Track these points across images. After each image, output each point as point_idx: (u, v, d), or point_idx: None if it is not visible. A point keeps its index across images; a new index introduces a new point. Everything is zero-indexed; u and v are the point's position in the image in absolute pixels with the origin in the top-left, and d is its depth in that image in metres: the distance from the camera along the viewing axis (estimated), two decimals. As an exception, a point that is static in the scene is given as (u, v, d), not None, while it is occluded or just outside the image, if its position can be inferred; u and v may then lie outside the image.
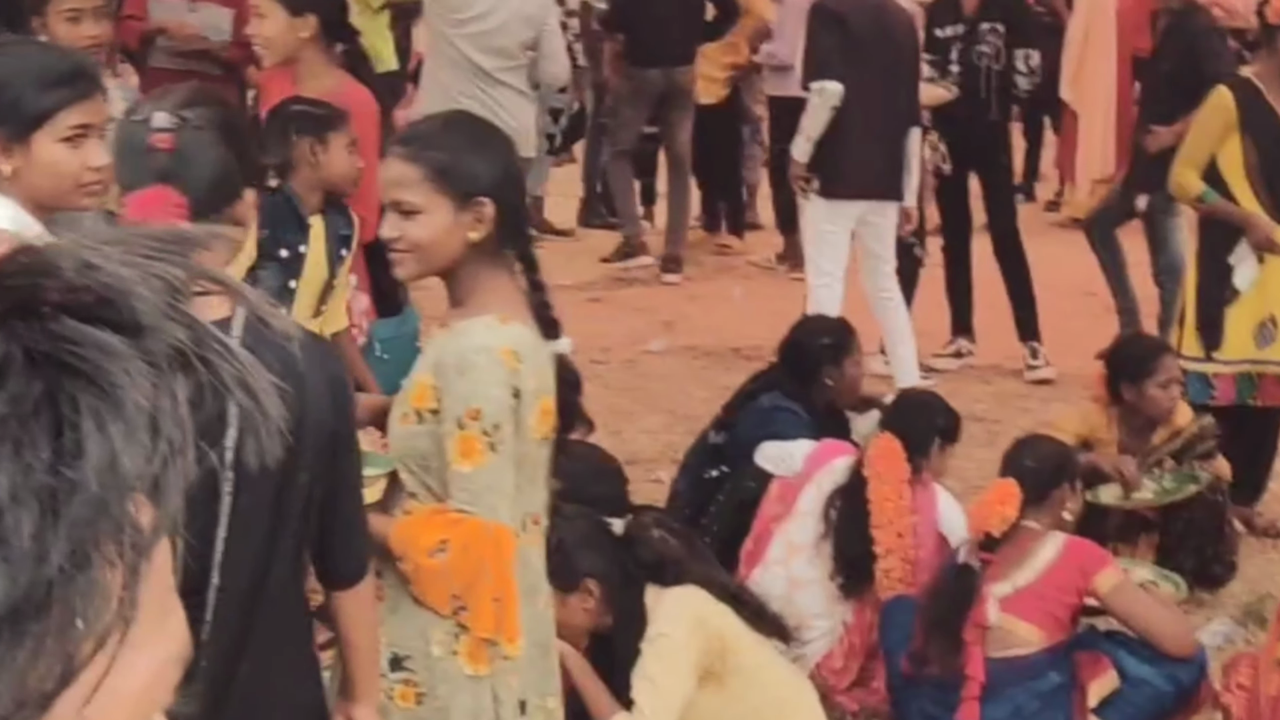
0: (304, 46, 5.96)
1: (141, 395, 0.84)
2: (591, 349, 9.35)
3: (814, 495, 5.78)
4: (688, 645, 4.69)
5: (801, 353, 6.50)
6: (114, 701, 0.87)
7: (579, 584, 4.64)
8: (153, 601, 0.88)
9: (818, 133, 7.94)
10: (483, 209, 3.61)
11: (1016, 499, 5.24)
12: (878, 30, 8.03)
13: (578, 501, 4.67)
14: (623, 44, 10.76)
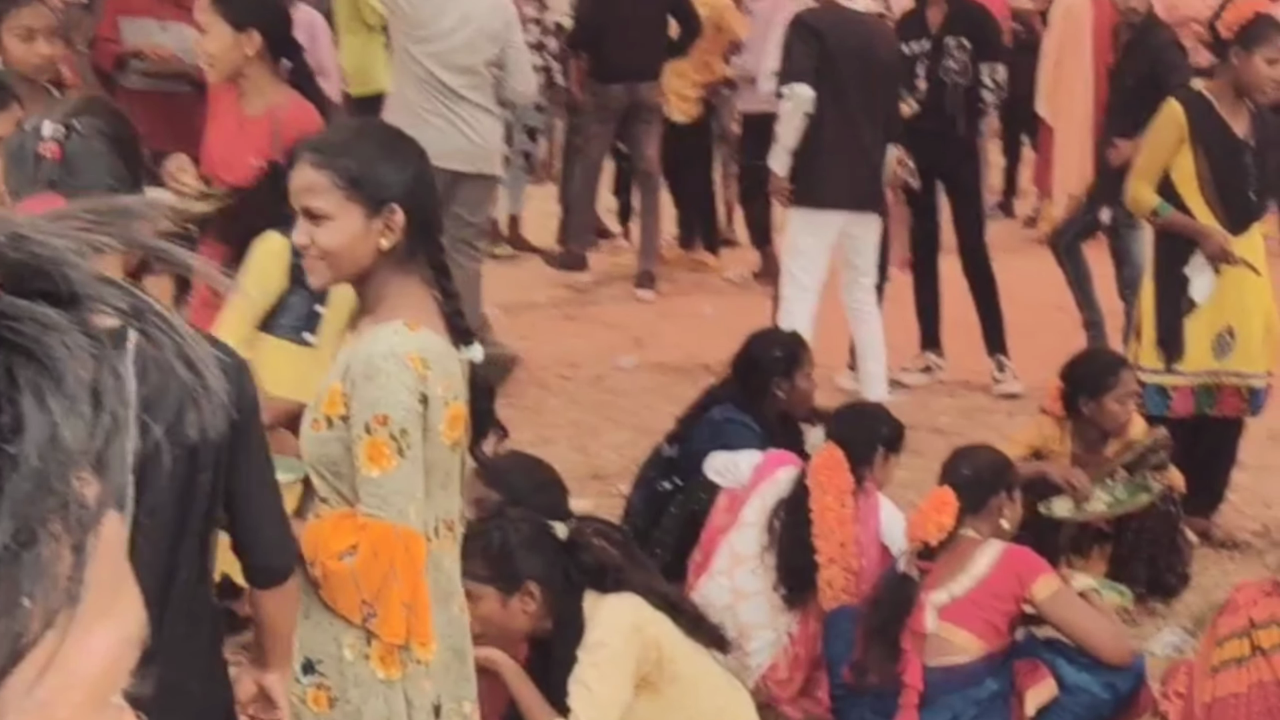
0: (249, 63, 5.97)
1: (82, 368, 0.82)
2: (560, 365, 9.40)
3: (759, 506, 5.80)
4: (624, 653, 4.69)
5: (753, 366, 6.52)
6: (69, 681, 0.85)
7: (520, 586, 4.64)
8: (104, 579, 0.86)
9: (794, 141, 7.98)
10: (393, 217, 3.63)
11: (953, 508, 5.26)
12: (858, 44, 8.08)
13: None
14: (588, 61, 10.79)
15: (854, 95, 7.98)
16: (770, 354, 6.52)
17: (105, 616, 0.87)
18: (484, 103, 8.63)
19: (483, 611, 4.55)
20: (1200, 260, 6.78)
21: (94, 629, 0.86)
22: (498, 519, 4.90)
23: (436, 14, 8.46)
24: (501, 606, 4.64)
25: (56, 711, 0.84)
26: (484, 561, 4.56)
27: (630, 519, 6.50)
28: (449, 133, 8.54)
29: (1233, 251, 6.70)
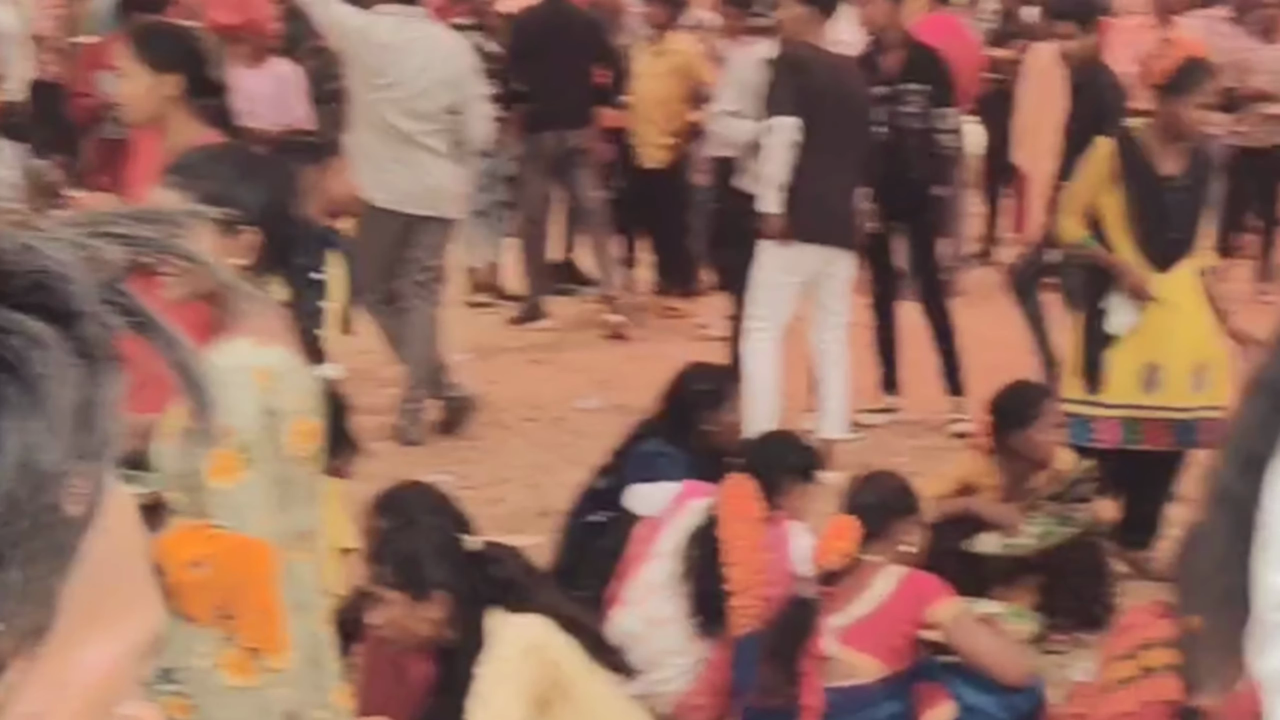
0: (168, 104, 6.04)
1: (68, 386, 0.80)
2: (524, 407, 9.48)
3: (673, 535, 5.84)
4: (520, 672, 4.72)
5: (681, 399, 6.58)
6: (62, 695, 0.84)
7: (427, 593, 4.66)
8: (101, 592, 0.85)
9: (783, 175, 8.08)
10: (247, 237, 3.72)
11: (854, 534, 5.31)
12: (834, 83, 8.22)
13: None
14: (521, 112, 10.94)
15: (830, 133, 8.09)
16: (698, 388, 6.58)
17: (103, 627, 0.86)
18: (441, 148, 8.75)
19: (390, 615, 4.60)
20: (1119, 296, 6.87)
21: (90, 641, 0.85)
22: (409, 526, 4.98)
23: (394, 62, 8.59)
24: (408, 611, 4.67)
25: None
26: (394, 567, 4.61)
27: (562, 551, 6.58)
28: (406, 178, 8.67)
29: (1145, 289, 6.77)
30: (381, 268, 8.77)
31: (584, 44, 11.22)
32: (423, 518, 5.00)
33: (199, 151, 4.17)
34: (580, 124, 11.07)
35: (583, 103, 11.13)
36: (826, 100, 8.13)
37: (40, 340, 0.80)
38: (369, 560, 4.72)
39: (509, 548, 5.28)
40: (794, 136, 8.06)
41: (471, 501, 7.72)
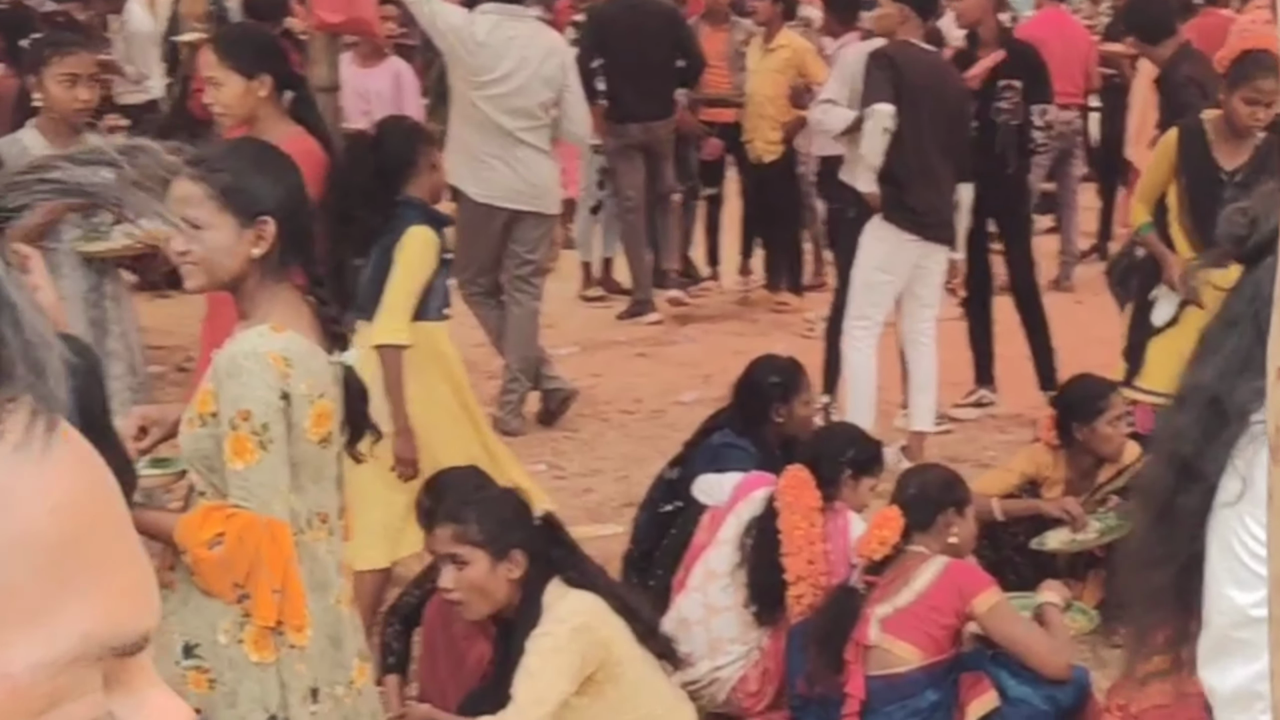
0: (261, 104, 6.21)
1: None
2: (624, 400, 9.60)
3: (734, 524, 5.93)
4: (570, 649, 4.82)
5: (752, 391, 6.66)
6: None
7: (508, 552, 4.80)
8: (20, 597, 0.82)
9: (878, 160, 8.18)
10: (265, 227, 3.86)
11: (897, 524, 5.37)
12: (932, 80, 8.30)
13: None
14: (605, 108, 11.02)
15: (927, 129, 8.18)
16: (768, 380, 6.65)
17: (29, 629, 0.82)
18: (540, 144, 8.90)
19: (471, 575, 4.77)
20: (1165, 287, 6.94)
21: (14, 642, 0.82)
22: (489, 488, 5.13)
23: (494, 60, 8.74)
24: (490, 571, 4.81)
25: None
26: (479, 525, 4.79)
27: (635, 541, 6.69)
28: (507, 174, 8.82)
29: (1184, 281, 6.76)
30: (483, 262, 8.95)
31: (663, 34, 11.30)
32: (495, 486, 5.20)
33: (220, 144, 4.31)
34: (663, 115, 11.19)
35: (665, 93, 11.24)
36: (923, 97, 8.20)
37: None
38: (449, 522, 4.86)
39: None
40: (889, 123, 8.12)
41: (562, 491, 7.93)
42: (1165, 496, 2.71)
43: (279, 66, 6.34)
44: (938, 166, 8.28)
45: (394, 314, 6.11)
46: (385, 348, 6.04)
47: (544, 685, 4.79)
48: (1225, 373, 2.74)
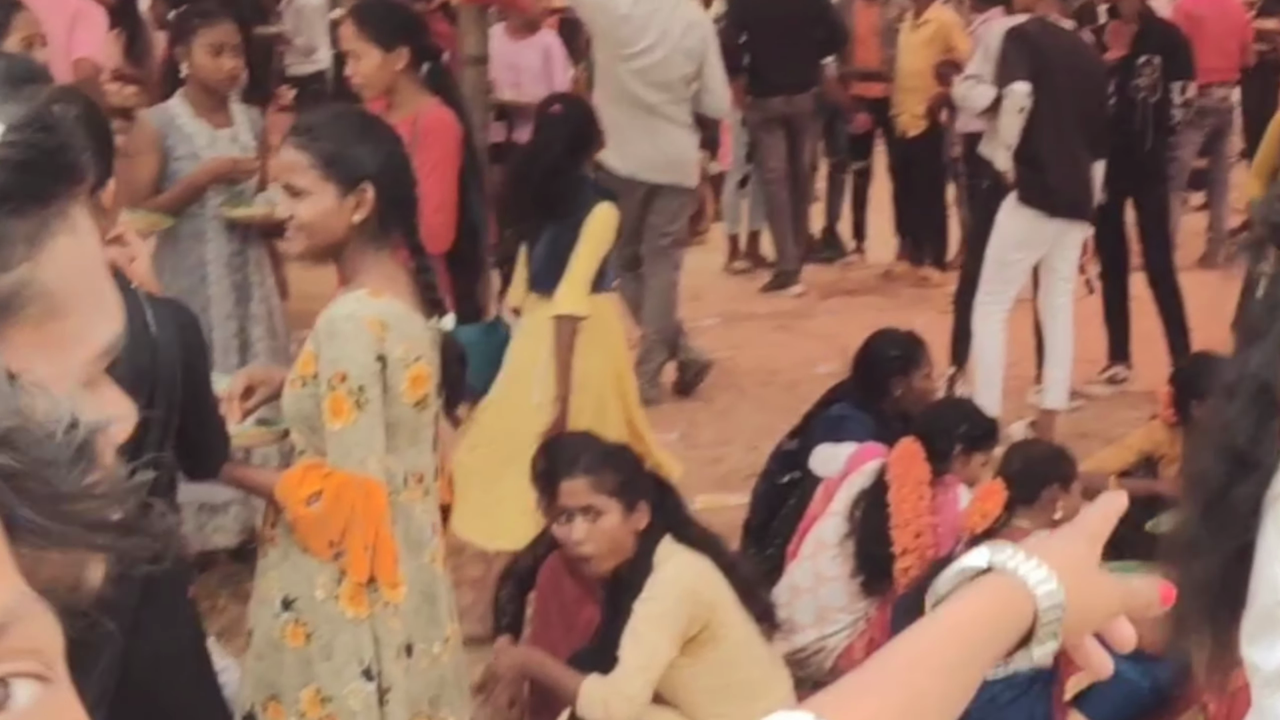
0: (398, 77, 6.36)
1: None
2: (761, 372, 9.69)
3: (845, 495, 6.01)
4: (675, 613, 4.92)
5: (871, 364, 6.73)
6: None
7: (636, 505, 4.93)
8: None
9: (1013, 138, 8.21)
10: (364, 194, 4.00)
11: (999, 498, 5.41)
12: (1069, 57, 8.31)
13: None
14: (746, 81, 11.06)
15: (1067, 106, 8.19)
16: (888, 353, 6.71)
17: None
18: (681, 117, 8.99)
19: (605, 526, 4.89)
20: None
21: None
22: (613, 446, 5.26)
23: (636, 33, 8.84)
24: (622, 521, 4.93)
25: None
26: (613, 475, 4.92)
27: (754, 510, 6.78)
28: (647, 147, 8.93)
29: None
30: (623, 234, 9.06)
31: (805, 6, 11.36)
32: (614, 443, 5.33)
33: (321, 112, 4.44)
34: (805, 88, 11.25)
35: (806, 66, 11.30)
36: (1060, 74, 8.20)
37: None
38: (584, 474, 4.96)
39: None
40: (1025, 102, 8.14)
41: (692, 461, 8.04)
42: (1218, 487, 2.72)
43: (416, 39, 6.47)
44: (1075, 143, 8.27)
45: (577, 285, 6.36)
46: (563, 318, 6.30)
47: (649, 650, 4.88)
48: (1273, 359, 2.77)
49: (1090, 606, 1.46)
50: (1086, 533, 1.52)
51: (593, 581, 5.25)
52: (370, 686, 4.06)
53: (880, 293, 11.54)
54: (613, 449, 5.22)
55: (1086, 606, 1.45)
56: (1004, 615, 1.42)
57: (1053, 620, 1.43)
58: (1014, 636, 1.43)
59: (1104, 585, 1.48)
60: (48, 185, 1.00)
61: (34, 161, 0.98)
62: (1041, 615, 1.42)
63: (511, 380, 6.51)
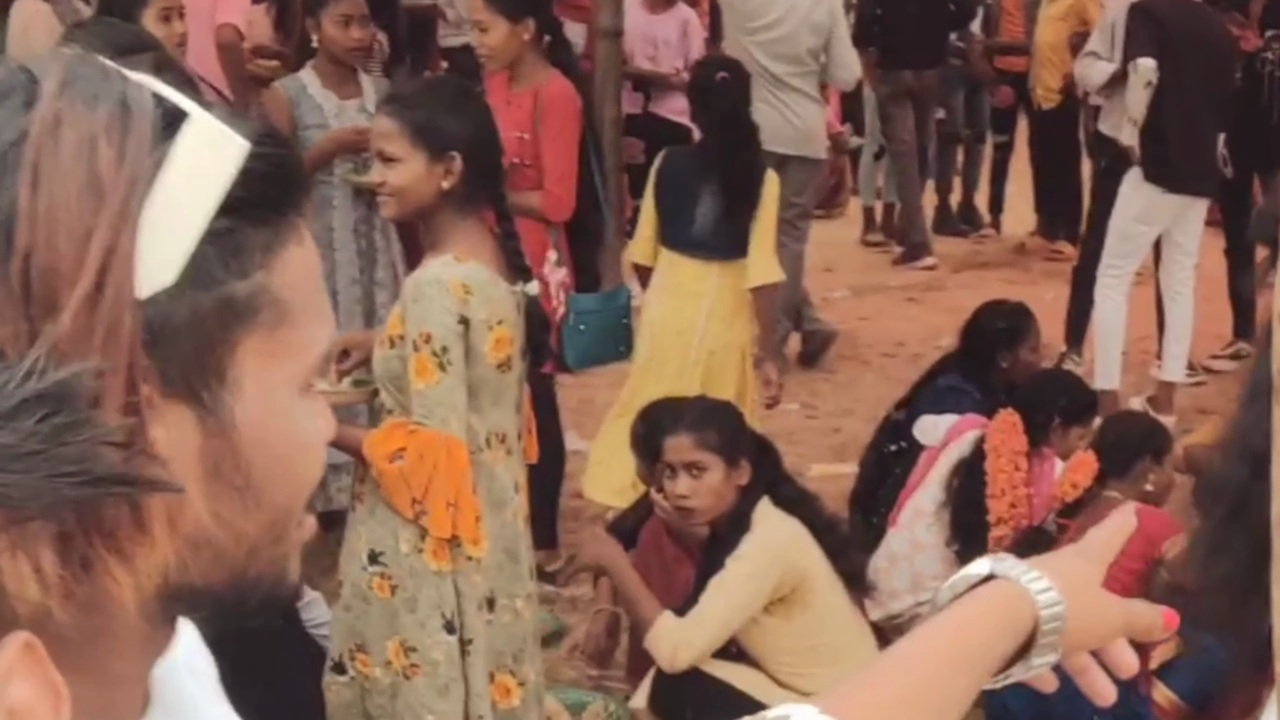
0: (524, 48, 6.50)
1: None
2: (887, 344, 9.75)
3: (944, 465, 6.08)
4: (765, 574, 5.01)
5: (978, 336, 6.77)
6: None
7: (739, 461, 5.07)
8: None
9: (1140, 114, 8.23)
10: (453, 163, 4.15)
11: (1090, 469, 5.46)
12: (1194, 31, 8.29)
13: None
14: (875, 54, 11.09)
15: (1192, 80, 8.19)
16: (995, 325, 6.75)
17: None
18: (808, 90, 9.06)
19: (709, 482, 5.03)
20: None
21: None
22: (715, 403, 5.38)
23: (764, 6, 8.92)
24: (725, 478, 5.06)
25: None
26: (716, 432, 5.05)
27: (861, 479, 6.87)
28: (774, 118, 8.99)
29: None
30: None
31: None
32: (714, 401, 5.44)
33: (415, 82, 4.59)
34: (934, 62, 11.29)
35: (936, 41, 11.33)
36: (1185, 48, 8.19)
37: None
38: (688, 431, 5.09)
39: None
40: (1151, 77, 8.14)
41: (810, 430, 8.15)
42: (1239, 492, 2.77)
43: (542, 11, 6.61)
44: (1200, 118, 8.26)
45: (770, 254, 6.75)
46: (764, 287, 6.71)
47: (726, 606, 4.99)
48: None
49: (1091, 623, 1.48)
50: (1092, 551, 1.56)
51: (691, 543, 5.38)
52: (452, 639, 4.22)
53: (1013, 266, 11.55)
54: (715, 406, 5.34)
55: (1087, 623, 1.47)
56: (1005, 621, 1.44)
57: (1053, 630, 1.44)
58: (1014, 643, 1.44)
59: (1106, 604, 1.50)
60: (284, 196, 1.06)
61: (274, 174, 1.04)
62: (1042, 625, 1.44)
63: (664, 341, 6.71)
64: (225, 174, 1.01)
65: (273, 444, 1.05)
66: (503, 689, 4.37)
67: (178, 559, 0.99)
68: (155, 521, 0.96)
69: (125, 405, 0.94)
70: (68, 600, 0.93)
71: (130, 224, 0.96)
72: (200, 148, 1.00)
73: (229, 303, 1.02)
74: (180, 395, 0.99)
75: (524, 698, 4.42)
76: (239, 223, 1.02)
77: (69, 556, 0.92)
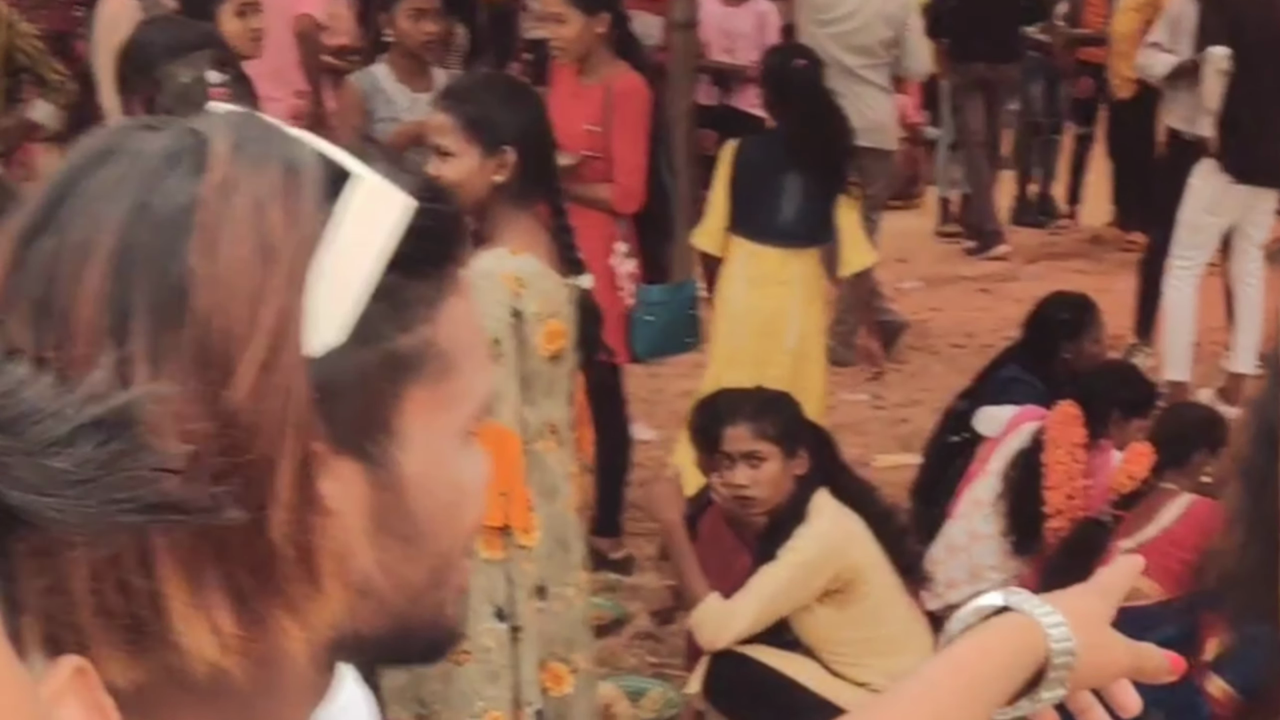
0: (596, 41, 6.57)
1: None
2: (956, 334, 9.77)
3: (1003, 456, 6.11)
4: (814, 567, 5.08)
5: (1041, 328, 6.80)
6: None
7: (796, 451, 5.14)
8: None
9: (1215, 103, 8.21)
10: (505, 157, 4.22)
11: (1147, 460, 5.48)
12: (1267, 22, 8.25)
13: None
14: (948, 45, 11.09)
15: (1263, 69, 8.16)
16: (1058, 316, 6.78)
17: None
18: (880, 82, 9.09)
19: (769, 471, 5.10)
20: None
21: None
22: (774, 394, 5.43)
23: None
24: (783, 467, 5.12)
25: None
26: (773, 422, 5.13)
27: (924, 470, 6.91)
28: (846, 109, 9.02)
29: None
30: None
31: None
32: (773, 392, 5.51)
33: (469, 77, 4.67)
34: (1008, 57, 11.29)
35: (1009, 34, 11.32)
36: (1257, 36, 8.16)
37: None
38: (746, 421, 5.15)
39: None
40: (1224, 65, 8.13)
41: (877, 421, 8.19)
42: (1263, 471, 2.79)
43: (614, 6, 6.67)
44: (1270, 107, 8.22)
45: (862, 237, 7.03)
46: (863, 273, 7.06)
47: (771, 595, 5.05)
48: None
49: (1099, 660, 1.49)
50: (1103, 589, 1.57)
51: (749, 533, 5.44)
52: (503, 626, 4.29)
53: (1087, 257, 11.53)
54: (773, 396, 5.39)
55: (1096, 660, 1.48)
56: (1017, 652, 1.45)
57: (1063, 665, 1.45)
58: (1024, 675, 1.45)
59: (1114, 643, 1.52)
60: (446, 250, 1.07)
61: (436, 228, 1.05)
62: (1053, 659, 1.45)
63: (750, 331, 6.82)
64: (390, 231, 1.02)
65: (437, 493, 1.07)
66: (554, 676, 4.44)
67: (347, 609, 1.01)
68: (326, 575, 0.99)
69: (299, 465, 0.97)
70: (244, 657, 0.96)
71: (300, 286, 0.98)
72: (366, 206, 1.01)
73: (395, 358, 1.03)
74: (349, 450, 1.01)
75: (575, 685, 4.49)
76: (403, 278, 1.03)
77: (244, 615, 0.96)
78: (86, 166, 1.01)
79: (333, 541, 0.99)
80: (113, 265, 0.96)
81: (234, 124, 1.03)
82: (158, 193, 0.98)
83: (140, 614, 0.94)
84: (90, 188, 1.00)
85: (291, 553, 0.97)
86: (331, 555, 0.99)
